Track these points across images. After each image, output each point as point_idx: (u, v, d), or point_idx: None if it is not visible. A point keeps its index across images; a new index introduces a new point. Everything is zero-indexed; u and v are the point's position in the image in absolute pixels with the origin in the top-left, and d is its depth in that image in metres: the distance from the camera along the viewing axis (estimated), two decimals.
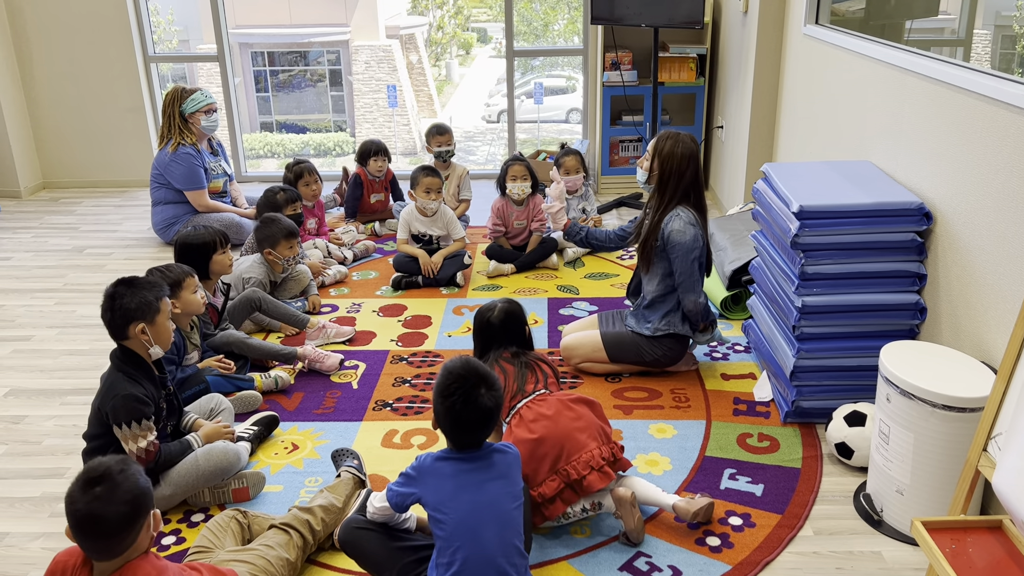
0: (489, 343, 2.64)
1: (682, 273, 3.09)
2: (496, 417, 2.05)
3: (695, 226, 3.07)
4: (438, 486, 2.01)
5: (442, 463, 2.05)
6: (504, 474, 2.06)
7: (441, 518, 1.98)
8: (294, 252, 3.85)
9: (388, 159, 4.99)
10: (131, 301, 2.39)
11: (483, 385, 2.03)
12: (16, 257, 4.74)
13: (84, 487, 1.66)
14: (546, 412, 2.41)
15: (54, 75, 5.76)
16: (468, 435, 2.05)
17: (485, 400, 2.01)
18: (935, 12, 3.47)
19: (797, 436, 2.87)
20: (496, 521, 1.99)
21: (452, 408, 2.01)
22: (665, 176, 3.09)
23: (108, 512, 1.65)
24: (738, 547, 2.36)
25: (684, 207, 3.10)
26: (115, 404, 2.36)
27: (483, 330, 2.66)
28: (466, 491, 2.00)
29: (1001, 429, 1.91)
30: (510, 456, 2.11)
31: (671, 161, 3.08)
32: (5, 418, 3.12)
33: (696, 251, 3.07)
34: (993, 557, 1.84)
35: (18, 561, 2.39)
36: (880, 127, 3.16)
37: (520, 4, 19.43)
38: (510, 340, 2.63)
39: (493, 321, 2.64)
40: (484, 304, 2.71)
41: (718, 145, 5.39)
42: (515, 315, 2.66)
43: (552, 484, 2.35)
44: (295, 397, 3.19)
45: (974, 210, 2.49)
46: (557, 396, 2.49)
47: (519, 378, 2.52)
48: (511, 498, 2.05)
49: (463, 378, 2.03)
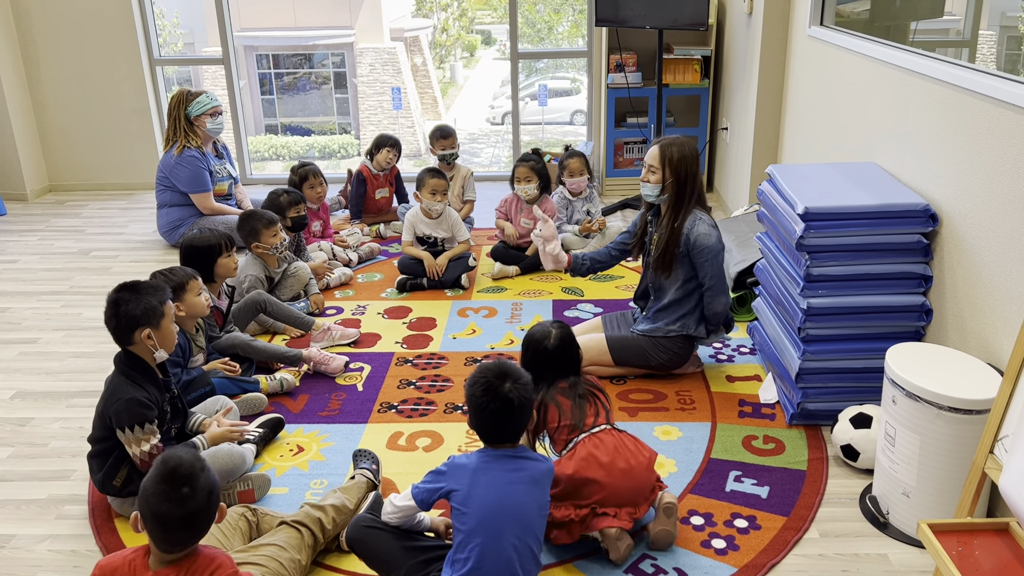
0: (543, 372, 2.46)
1: (713, 276, 3.09)
2: (524, 413, 2.08)
3: (716, 228, 3.09)
4: (467, 480, 2.03)
5: (473, 460, 2.08)
6: (535, 480, 2.08)
7: (465, 511, 1.99)
8: (279, 239, 3.80)
9: (398, 154, 5.02)
10: (136, 307, 2.39)
11: (509, 379, 2.07)
12: (22, 260, 4.76)
13: (173, 486, 1.70)
14: (602, 459, 2.30)
15: (60, 78, 5.78)
16: (492, 426, 2.08)
17: (509, 392, 2.05)
18: (940, 13, 3.46)
19: (803, 438, 2.86)
20: (518, 524, 2.00)
21: (474, 397, 2.07)
22: (682, 182, 3.08)
23: (198, 509, 1.71)
24: (744, 549, 2.35)
25: (700, 210, 3.11)
26: (118, 408, 2.36)
27: (537, 358, 2.49)
28: (493, 489, 2.01)
29: (1008, 431, 1.91)
30: (544, 466, 2.12)
31: (684, 165, 3.07)
32: (11, 420, 3.13)
33: (722, 252, 3.10)
34: (1000, 560, 1.84)
35: (25, 563, 2.40)
36: (885, 128, 3.16)
37: (524, 6, 19.46)
38: (565, 368, 2.49)
39: (550, 349, 2.48)
40: (534, 329, 2.55)
41: (723, 147, 5.39)
42: (571, 340, 2.52)
43: (567, 512, 2.31)
44: (300, 399, 3.19)
45: (980, 211, 2.48)
46: (615, 441, 2.36)
47: (577, 413, 2.39)
48: (537, 505, 2.06)
49: (489, 369, 2.10)
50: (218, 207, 4.75)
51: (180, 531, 1.73)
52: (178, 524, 1.71)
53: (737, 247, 3.83)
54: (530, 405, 2.11)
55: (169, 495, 1.69)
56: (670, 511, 2.35)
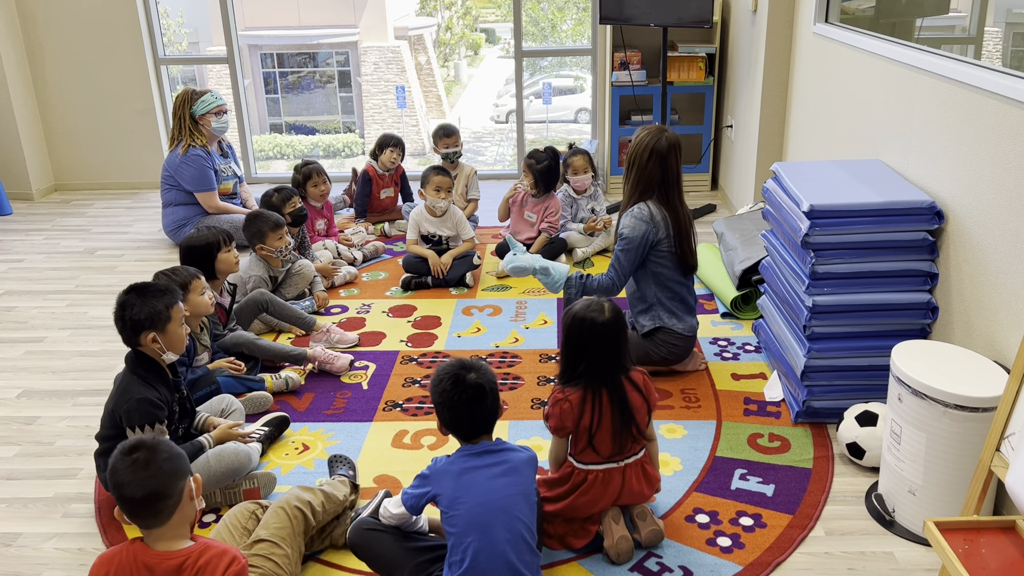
0: (593, 356, 2.25)
1: (615, 265, 3.06)
2: (495, 399, 2.08)
3: (646, 221, 3.02)
4: (450, 484, 2.03)
5: (454, 462, 2.07)
6: (516, 469, 2.07)
7: (452, 514, 2.00)
8: (284, 242, 3.80)
9: (402, 154, 5.02)
10: (140, 311, 2.40)
11: (472, 370, 2.08)
12: (28, 259, 4.77)
13: (123, 456, 1.78)
14: (598, 504, 2.32)
15: (65, 78, 5.79)
16: (466, 419, 2.08)
17: (477, 379, 2.05)
18: (946, 10, 3.45)
19: (808, 436, 2.86)
20: (505, 516, 2.00)
21: (443, 392, 2.07)
22: (629, 165, 3.09)
23: (151, 476, 1.75)
24: (749, 548, 2.35)
25: (651, 202, 3.06)
26: (129, 407, 2.37)
27: (583, 340, 2.26)
28: (476, 488, 2.01)
29: (1014, 429, 1.90)
30: (525, 455, 2.11)
31: (636, 151, 3.06)
32: (18, 419, 3.14)
33: (639, 249, 3.03)
34: (1006, 558, 1.83)
35: (31, 561, 2.40)
36: (891, 125, 3.15)
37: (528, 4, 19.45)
38: (616, 350, 2.28)
39: (605, 323, 2.24)
40: (577, 305, 2.30)
41: (728, 144, 5.38)
42: (622, 316, 2.30)
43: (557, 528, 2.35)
44: (305, 398, 3.20)
45: (986, 208, 2.47)
46: (624, 481, 2.33)
47: (616, 443, 2.30)
48: (522, 495, 2.05)
49: (450, 365, 2.11)
50: (223, 206, 4.76)
51: (144, 504, 1.76)
52: (138, 498, 1.75)
53: (742, 245, 3.82)
54: (497, 392, 2.10)
55: (123, 463, 1.76)
56: (644, 514, 2.37)
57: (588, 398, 2.26)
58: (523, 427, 2.97)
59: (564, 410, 2.27)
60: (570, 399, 2.27)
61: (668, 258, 3.08)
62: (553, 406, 2.30)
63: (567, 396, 2.28)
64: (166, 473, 1.77)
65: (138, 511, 1.78)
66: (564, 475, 2.35)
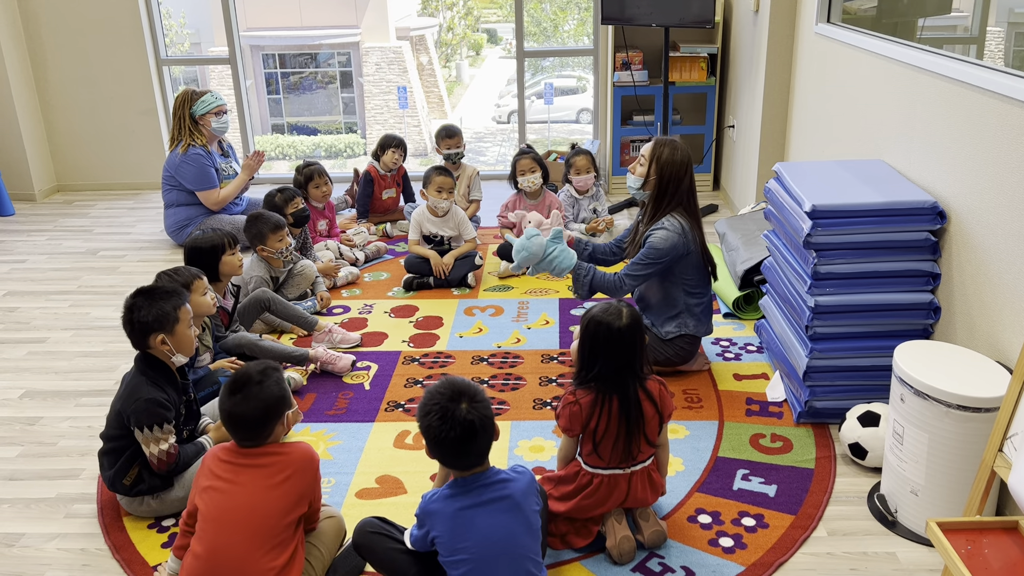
0: (610, 360, 2.23)
1: (637, 263, 3.03)
2: (488, 432, 1.96)
3: (679, 234, 3.01)
4: (446, 527, 1.95)
5: (445, 503, 1.97)
6: (518, 504, 1.98)
7: (453, 559, 1.93)
8: (285, 243, 3.79)
9: (404, 155, 5.03)
10: (148, 314, 2.41)
11: (463, 398, 1.93)
12: (31, 260, 4.78)
13: (228, 392, 2.10)
14: (601, 506, 2.32)
15: (67, 79, 5.80)
16: (454, 456, 1.96)
17: (467, 414, 1.91)
18: (948, 9, 3.44)
19: (810, 436, 2.86)
20: (511, 554, 1.95)
21: (430, 428, 1.94)
22: (664, 183, 3.05)
23: (247, 411, 2.08)
24: (751, 548, 2.35)
25: (678, 214, 3.06)
26: (137, 408, 2.38)
27: (596, 346, 2.24)
28: (475, 532, 1.93)
29: (1017, 429, 1.90)
30: (523, 480, 2.03)
31: (670, 168, 3.03)
32: (20, 419, 3.14)
33: (666, 260, 3.01)
34: (1009, 558, 1.83)
35: (34, 561, 2.41)
36: (893, 126, 3.15)
37: (530, 5, 19.45)
38: (632, 355, 2.25)
39: (622, 329, 2.21)
40: (595, 309, 2.27)
41: (729, 145, 5.37)
42: (640, 320, 2.28)
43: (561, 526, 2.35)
44: (307, 398, 3.20)
45: (988, 208, 2.47)
46: (628, 486, 2.32)
47: (620, 451, 2.28)
48: (526, 528, 1.99)
49: (440, 393, 1.95)
50: (225, 193, 4.73)
51: (239, 429, 2.09)
52: (233, 423, 2.08)
53: (744, 245, 3.82)
54: (492, 422, 1.97)
55: (228, 398, 2.09)
56: (646, 515, 2.36)
57: (598, 403, 2.25)
58: (525, 428, 2.97)
59: (573, 412, 2.27)
60: (580, 402, 2.27)
61: (697, 268, 3.10)
62: (564, 407, 2.30)
63: (578, 399, 2.27)
64: (261, 414, 2.09)
65: (234, 435, 2.10)
66: (571, 474, 2.34)
